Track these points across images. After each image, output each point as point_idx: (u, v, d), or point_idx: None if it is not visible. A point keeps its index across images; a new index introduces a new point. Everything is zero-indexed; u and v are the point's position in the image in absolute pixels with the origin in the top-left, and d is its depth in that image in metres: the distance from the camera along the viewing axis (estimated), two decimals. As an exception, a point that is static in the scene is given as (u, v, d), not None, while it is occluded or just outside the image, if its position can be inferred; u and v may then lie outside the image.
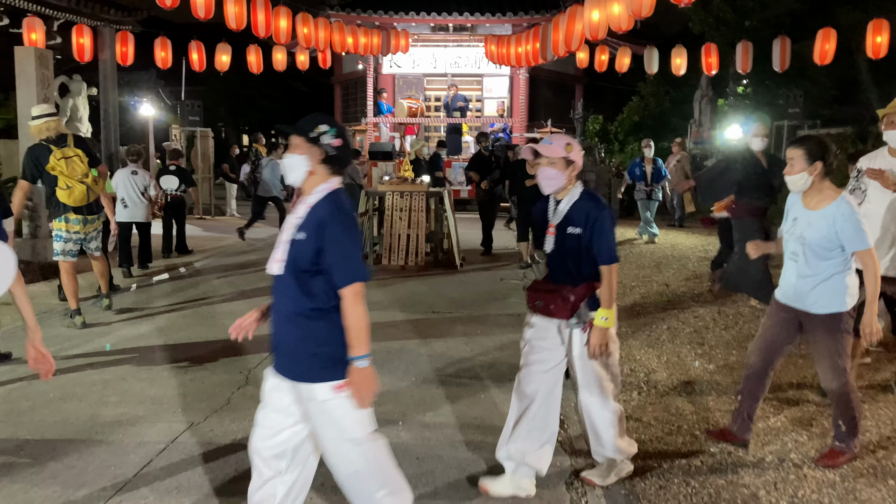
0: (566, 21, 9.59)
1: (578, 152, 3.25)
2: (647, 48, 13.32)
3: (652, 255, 10.92)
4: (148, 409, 4.37)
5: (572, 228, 3.27)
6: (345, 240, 2.43)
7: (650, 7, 7.47)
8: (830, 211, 3.46)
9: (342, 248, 2.43)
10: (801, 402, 4.62)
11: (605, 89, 25.94)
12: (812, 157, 3.51)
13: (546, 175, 3.28)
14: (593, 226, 3.23)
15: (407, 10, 19.07)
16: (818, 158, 3.50)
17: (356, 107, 22.62)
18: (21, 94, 9.43)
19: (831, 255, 3.49)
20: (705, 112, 18.30)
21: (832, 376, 3.58)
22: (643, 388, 4.95)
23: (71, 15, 12.91)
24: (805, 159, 3.51)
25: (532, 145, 3.38)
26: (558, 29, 9.90)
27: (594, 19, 8.50)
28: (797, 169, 3.53)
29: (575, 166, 3.27)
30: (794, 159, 3.54)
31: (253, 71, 13.49)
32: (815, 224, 3.51)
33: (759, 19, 18.71)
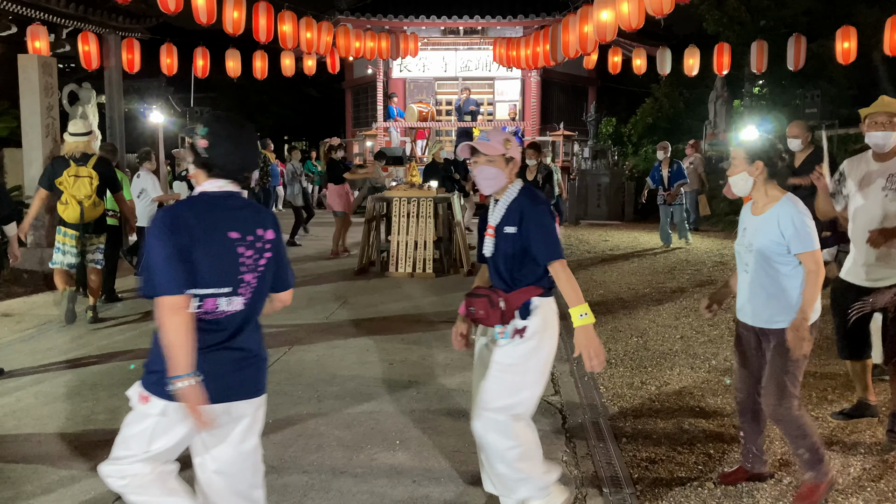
0: (577, 22, 9.38)
1: (516, 148, 3.00)
2: (660, 49, 13.08)
3: (666, 259, 10.68)
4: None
5: (508, 228, 3.02)
6: (147, 249, 2.28)
7: (671, 4, 7.24)
8: (774, 211, 3.18)
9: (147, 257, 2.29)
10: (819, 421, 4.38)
11: (618, 91, 25.67)
12: (752, 156, 3.23)
13: (485, 174, 3.04)
14: (529, 223, 2.97)
15: (417, 13, 18.96)
16: (759, 158, 3.22)
17: (367, 112, 22.52)
18: (25, 103, 9.39)
19: (782, 262, 3.18)
20: (720, 113, 18.00)
21: (776, 400, 3.18)
22: (654, 401, 4.73)
23: (79, 23, 12.89)
24: (746, 159, 3.23)
25: (469, 143, 3.12)
26: (568, 30, 9.70)
27: (603, 19, 8.29)
28: (738, 169, 3.26)
29: (514, 163, 3.02)
30: (735, 159, 3.28)
31: (258, 76, 13.40)
32: (761, 229, 3.22)
33: (774, 18, 18.39)
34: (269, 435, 4.09)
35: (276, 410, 4.47)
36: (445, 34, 19.90)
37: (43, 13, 11.80)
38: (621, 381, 5.18)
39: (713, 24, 18.97)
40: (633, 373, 5.36)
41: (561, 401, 4.75)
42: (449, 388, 5.02)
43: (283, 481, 3.54)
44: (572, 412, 4.55)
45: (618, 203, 16.99)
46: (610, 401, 4.77)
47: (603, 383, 5.12)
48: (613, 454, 3.88)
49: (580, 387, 5.03)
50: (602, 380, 5.19)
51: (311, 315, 7.22)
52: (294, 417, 4.41)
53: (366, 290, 8.53)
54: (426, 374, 5.32)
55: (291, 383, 5.04)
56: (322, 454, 3.89)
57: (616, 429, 4.27)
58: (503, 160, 3.01)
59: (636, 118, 19.16)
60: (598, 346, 2.94)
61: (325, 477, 3.61)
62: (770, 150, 3.24)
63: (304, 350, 5.91)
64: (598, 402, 4.74)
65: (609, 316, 7.16)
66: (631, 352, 5.92)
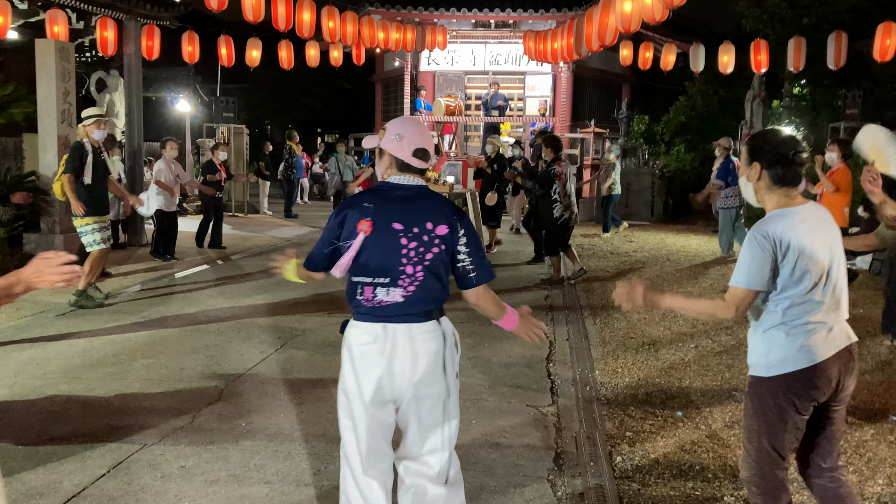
0: (599, 14, 9.02)
1: (389, 139, 2.54)
2: (693, 45, 12.60)
3: (690, 261, 10.27)
4: (104, 424, 4.04)
5: None
6: None
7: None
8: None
9: None
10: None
11: (654, 89, 25.09)
12: (750, 155, 2.57)
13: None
14: None
15: (448, 6, 18.68)
16: (755, 158, 2.55)
17: (397, 105, 22.31)
18: (41, 88, 9.32)
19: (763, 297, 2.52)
20: (757, 113, 17.37)
21: (742, 461, 2.69)
22: (657, 415, 4.41)
23: (107, 10, 12.87)
24: (745, 159, 2.60)
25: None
26: (591, 22, 9.33)
27: (626, 10, 7.92)
28: (742, 172, 2.65)
29: (386, 156, 2.58)
30: (742, 158, 2.66)
31: (284, 67, 13.24)
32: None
33: (817, 16, 17.70)
34: (240, 442, 3.89)
35: (252, 413, 4.26)
36: (476, 27, 19.58)
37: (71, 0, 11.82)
38: (625, 391, 4.87)
39: (753, 21, 18.34)
40: (640, 384, 5.05)
41: (557, 411, 4.47)
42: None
43: (243, 491, 3.33)
44: (568, 426, 4.26)
45: (646, 203, 16.53)
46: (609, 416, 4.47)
47: (605, 392, 4.82)
48: (606, 480, 3.59)
49: (579, 395, 4.74)
50: (605, 390, 4.90)
51: (313, 310, 7.01)
52: (268, 423, 4.19)
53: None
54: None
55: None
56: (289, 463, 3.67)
57: (616, 458, 3.98)
58: (379, 153, 2.64)
59: (668, 116, 18.62)
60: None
61: (288, 488, 3.39)
62: (775, 146, 2.53)
63: (297, 347, 5.70)
64: (597, 416, 4.44)
65: (623, 321, 6.83)
66: (640, 360, 5.60)
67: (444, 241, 2.50)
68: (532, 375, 5.19)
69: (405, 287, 2.47)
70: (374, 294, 2.48)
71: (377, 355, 2.50)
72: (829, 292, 2.47)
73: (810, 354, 2.46)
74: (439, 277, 2.53)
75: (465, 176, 17.42)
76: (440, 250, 2.50)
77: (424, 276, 2.49)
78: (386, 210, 2.48)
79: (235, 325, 6.34)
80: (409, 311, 2.49)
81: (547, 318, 6.95)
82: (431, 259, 2.49)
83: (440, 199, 2.60)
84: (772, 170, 2.51)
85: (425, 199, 2.54)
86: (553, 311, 7.22)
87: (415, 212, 2.49)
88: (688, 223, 16.00)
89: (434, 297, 2.54)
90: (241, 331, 6.15)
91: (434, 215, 2.50)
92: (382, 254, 2.46)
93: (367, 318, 2.51)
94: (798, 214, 2.48)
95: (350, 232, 2.48)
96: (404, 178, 2.54)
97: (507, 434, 4.09)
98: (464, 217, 2.56)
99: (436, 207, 2.53)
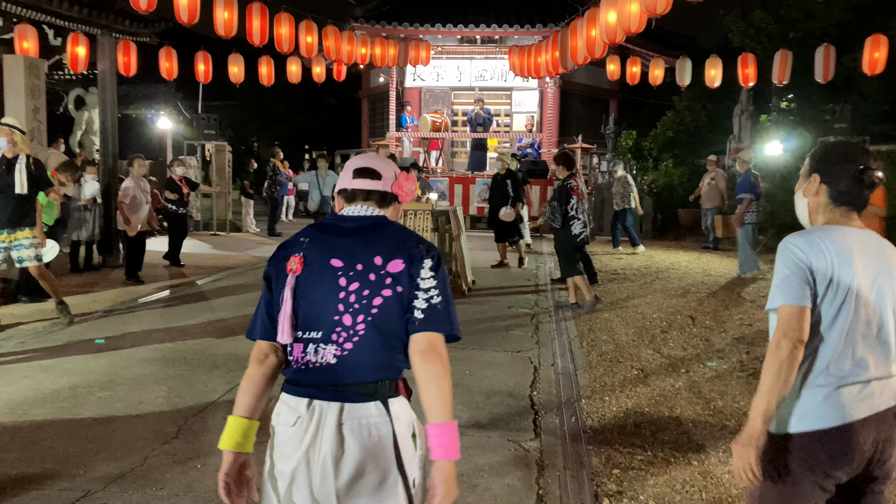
0: (584, 26, 8.82)
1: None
2: (680, 59, 12.46)
3: (680, 280, 10.02)
4: (46, 467, 3.71)
5: None
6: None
7: (666, 4, 6.68)
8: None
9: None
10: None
11: (642, 104, 25.00)
12: (811, 166, 2.19)
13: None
14: None
15: (433, 21, 18.52)
16: (814, 170, 2.17)
17: (383, 121, 22.11)
18: (9, 105, 9.04)
19: None
20: (745, 128, 17.26)
21: None
22: (647, 449, 4.12)
23: (85, 26, 12.60)
24: (805, 171, 2.22)
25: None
26: (577, 35, 9.14)
27: (611, 21, 7.72)
28: (798, 186, 2.26)
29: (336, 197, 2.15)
30: (802, 171, 2.27)
31: (264, 83, 13.02)
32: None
33: (803, 31, 17.64)
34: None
35: (210, 454, 3.95)
36: (462, 43, 19.44)
37: (46, 16, 11.52)
38: (613, 422, 4.58)
39: (739, 35, 18.28)
40: (629, 413, 4.76)
41: (540, 447, 4.18)
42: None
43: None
44: (551, 461, 3.97)
45: (635, 219, 16.31)
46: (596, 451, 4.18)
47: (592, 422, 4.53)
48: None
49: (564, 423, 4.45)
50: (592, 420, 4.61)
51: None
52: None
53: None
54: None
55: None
56: None
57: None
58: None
59: (656, 131, 18.48)
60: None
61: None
62: (843, 159, 2.13)
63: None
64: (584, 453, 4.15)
65: (611, 345, 6.56)
66: (628, 387, 5.32)
67: (399, 280, 1.89)
68: (514, 405, 4.89)
69: (339, 343, 1.87)
70: (304, 353, 1.91)
71: (296, 444, 1.86)
72: (872, 335, 2.02)
73: (840, 411, 1.98)
74: (390, 332, 1.89)
75: (452, 192, 17.20)
76: (392, 293, 1.88)
77: (367, 330, 1.87)
78: (323, 243, 1.96)
79: (203, 352, 6.01)
80: (344, 381, 1.85)
81: (532, 340, 6.68)
82: (380, 306, 1.87)
83: (400, 230, 2.01)
84: (833, 186, 2.11)
85: (378, 229, 1.98)
86: (538, 333, 6.94)
87: (360, 244, 1.93)
88: (677, 239, 15.81)
89: (381, 362, 1.88)
90: (207, 359, 5.82)
91: (386, 248, 1.92)
92: (314, 298, 1.90)
93: (292, 390, 1.91)
94: (852, 235, 2.07)
95: (278, 276, 1.97)
96: (355, 209, 2.02)
97: (486, 473, 3.79)
98: (431, 251, 1.96)
99: (391, 238, 1.95)
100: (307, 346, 1.90)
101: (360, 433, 1.83)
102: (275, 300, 1.96)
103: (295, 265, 1.93)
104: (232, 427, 1.90)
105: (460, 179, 17.84)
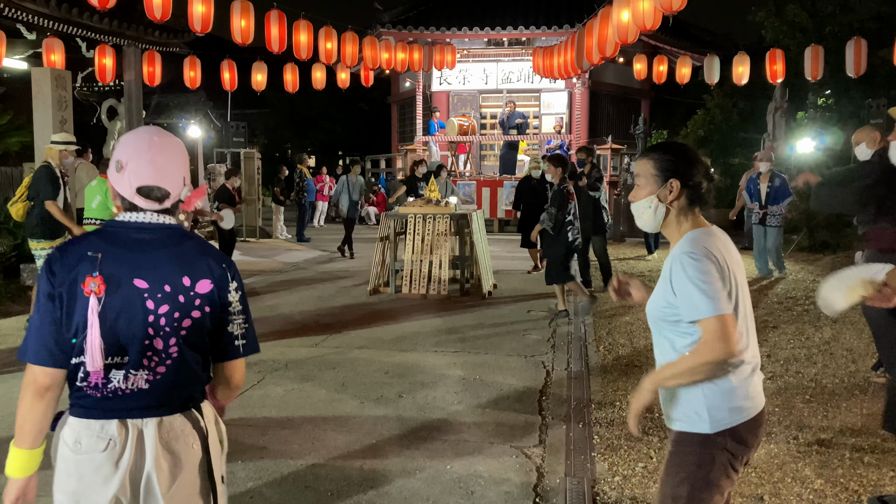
0: (598, 26, 8.69)
1: (111, 166, 1.95)
2: (708, 56, 12.22)
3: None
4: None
5: None
6: None
7: (681, 1, 6.53)
8: (670, 258, 2.14)
9: None
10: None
11: (674, 103, 24.65)
12: (665, 171, 2.15)
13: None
14: None
15: (460, 25, 18.51)
16: (673, 174, 2.14)
17: (412, 125, 22.16)
18: (37, 116, 9.25)
19: (678, 334, 2.12)
20: (779, 125, 16.84)
21: None
22: (651, 457, 4.01)
23: (117, 38, 12.87)
24: (655, 176, 2.17)
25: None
26: (591, 35, 9.02)
27: (624, 20, 7.59)
28: (642, 192, 2.20)
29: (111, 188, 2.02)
30: (640, 177, 2.21)
31: (289, 90, 13.13)
32: (659, 284, 2.18)
33: (839, 24, 17.17)
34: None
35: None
36: (488, 45, 19.39)
37: (77, 28, 11.81)
38: (621, 426, 4.48)
39: (772, 31, 17.88)
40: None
41: (543, 453, 4.10)
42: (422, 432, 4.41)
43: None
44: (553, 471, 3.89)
45: (665, 220, 16.03)
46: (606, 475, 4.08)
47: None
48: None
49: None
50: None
51: (301, 340, 6.72)
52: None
53: (368, 314, 7.99)
54: (401, 415, 4.72)
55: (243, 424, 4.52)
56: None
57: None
58: None
59: (687, 131, 18.17)
60: None
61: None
62: (690, 160, 2.18)
63: (275, 383, 5.39)
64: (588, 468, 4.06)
65: (629, 349, 6.43)
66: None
67: (207, 301, 1.86)
68: (522, 411, 4.82)
69: (151, 368, 1.81)
70: (107, 380, 1.80)
71: (110, 467, 1.79)
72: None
73: (760, 396, 2.14)
74: (200, 351, 1.89)
75: (479, 196, 17.14)
76: (201, 314, 1.86)
77: (180, 352, 1.84)
78: (120, 260, 1.80)
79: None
80: (158, 402, 1.83)
81: (548, 344, 6.59)
82: (189, 327, 1.84)
83: (198, 244, 1.92)
84: (691, 189, 2.15)
85: (177, 244, 1.87)
86: (555, 337, 6.84)
87: (164, 263, 1.83)
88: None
89: (193, 378, 1.89)
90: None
91: (192, 267, 1.86)
92: (120, 323, 1.79)
93: (96, 414, 1.81)
94: (720, 234, 2.19)
95: (71, 295, 1.79)
96: (142, 216, 1.86)
97: (483, 480, 3.73)
98: (232, 265, 1.94)
99: (193, 256, 1.88)
100: (111, 372, 1.81)
101: (179, 443, 1.85)
102: (63, 320, 1.79)
103: (95, 286, 1.77)
104: (21, 457, 1.85)
105: (488, 183, 17.78)
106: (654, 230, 2.24)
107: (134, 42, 12.86)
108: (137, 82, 10.84)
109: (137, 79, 10.79)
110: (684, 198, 2.16)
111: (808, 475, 3.75)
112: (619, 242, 15.15)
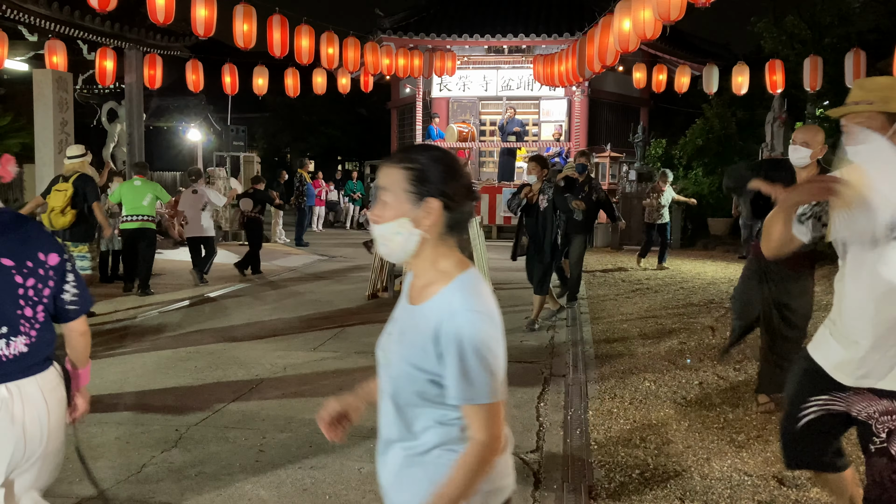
0: (599, 34, 8.75)
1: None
2: (707, 66, 12.28)
3: (704, 291, 9.84)
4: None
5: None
6: None
7: (679, 9, 6.58)
8: (438, 302, 1.61)
9: None
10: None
11: (673, 112, 24.71)
12: (420, 186, 1.59)
13: None
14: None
15: (461, 32, 18.57)
16: (428, 193, 1.59)
17: (411, 132, 22.20)
18: (38, 118, 9.28)
19: (432, 403, 1.63)
20: (778, 135, 16.90)
21: None
22: (649, 464, 4.03)
23: (118, 41, 12.89)
24: (408, 192, 1.60)
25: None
26: (592, 43, 9.07)
27: (625, 29, 7.64)
28: (389, 214, 1.62)
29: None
30: (387, 191, 1.62)
31: (290, 94, 13.17)
32: (407, 333, 1.66)
33: (838, 36, 17.25)
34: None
35: (206, 462, 3.97)
36: (488, 52, 19.45)
37: (79, 31, 11.83)
38: (619, 435, 4.49)
39: (771, 42, 17.94)
40: (622, 443, 4.66)
41: (539, 458, 4.11)
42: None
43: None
44: (549, 475, 3.90)
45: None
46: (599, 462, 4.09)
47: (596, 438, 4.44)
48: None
49: (569, 442, 4.37)
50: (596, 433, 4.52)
51: (299, 344, 6.73)
52: (219, 473, 3.88)
53: (366, 318, 8.01)
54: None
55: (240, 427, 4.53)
56: (237, 519, 3.35)
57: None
58: None
59: (685, 139, 18.25)
60: None
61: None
62: (452, 172, 1.62)
63: (273, 386, 5.40)
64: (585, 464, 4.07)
65: (627, 356, 6.45)
66: (639, 399, 5.21)
67: (57, 271, 2.25)
68: (519, 417, 4.83)
69: (27, 334, 2.17)
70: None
71: (7, 424, 2.09)
72: None
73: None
74: (50, 314, 2.28)
75: (478, 202, 17.18)
76: (54, 284, 2.25)
77: (45, 318, 2.24)
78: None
79: (214, 360, 6.06)
80: (34, 362, 2.20)
81: (546, 351, 6.60)
82: (48, 295, 2.23)
83: (35, 224, 2.30)
84: (453, 211, 1.62)
85: (21, 224, 2.22)
86: (554, 344, 6.86)
87: (19, 242, 2.17)
88: (706, 249, 15.56)
89: (52, 339, 2.29)
90: (217, 367, 5.87)
91: (41, 244, 2.22)
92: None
93: None
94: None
95: None
96: None
97: (481, 485, 3.73)
98: (58, 242, 2.34)
99: (37, 234, 2.24)
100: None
101: (54, 392, 2.24)
102: None
103: None
104: None
105: (486, 189, 17.82)
106: (399, 262, 1.69)
107: (135, 45, 12.90)
108: (138, 85, 10.87)
109: (138, 81, 10.82)
110: (443, 223, 1.61)
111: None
112: (616, 251, 15.21)
